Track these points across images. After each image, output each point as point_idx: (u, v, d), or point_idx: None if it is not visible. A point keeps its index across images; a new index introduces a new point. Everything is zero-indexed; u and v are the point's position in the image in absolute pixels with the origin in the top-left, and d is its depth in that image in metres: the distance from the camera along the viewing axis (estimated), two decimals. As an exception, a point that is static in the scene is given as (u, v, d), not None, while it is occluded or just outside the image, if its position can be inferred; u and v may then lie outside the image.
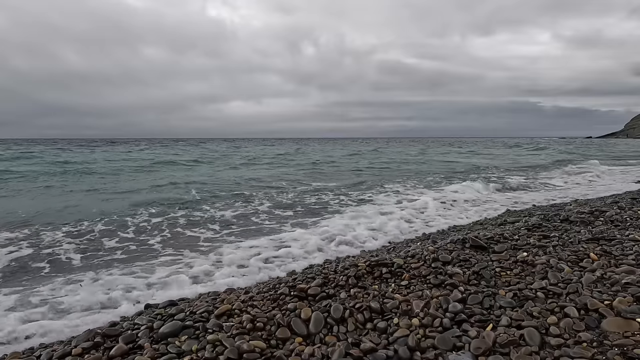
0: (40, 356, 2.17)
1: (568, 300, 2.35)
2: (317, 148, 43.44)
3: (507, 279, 2.82)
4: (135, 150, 35.40)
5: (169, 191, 10.70)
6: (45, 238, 5.60)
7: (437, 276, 2.87)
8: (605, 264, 2.95)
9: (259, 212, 7.61)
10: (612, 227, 4.37)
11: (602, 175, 14.35)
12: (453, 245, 3.74)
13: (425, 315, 2.27)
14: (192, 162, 22.23)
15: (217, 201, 8.90)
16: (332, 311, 2.35)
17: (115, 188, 11.43)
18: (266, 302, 2.61)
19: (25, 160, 21.22)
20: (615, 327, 2.01)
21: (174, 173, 16.25)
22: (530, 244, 3.71)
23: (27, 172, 15.49)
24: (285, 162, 23.22)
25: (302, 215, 7.47)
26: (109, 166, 18.86)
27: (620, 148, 40.99)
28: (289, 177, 14.79)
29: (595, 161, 20.94)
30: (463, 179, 12.97)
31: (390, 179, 13.50)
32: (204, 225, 6.56)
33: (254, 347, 2.01)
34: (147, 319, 2.48)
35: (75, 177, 14.45)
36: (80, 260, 4.72)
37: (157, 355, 2.01)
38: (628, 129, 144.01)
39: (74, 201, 9.05)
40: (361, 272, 3.02)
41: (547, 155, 28.37)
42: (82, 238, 5.67)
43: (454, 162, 23.03)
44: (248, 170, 18.14)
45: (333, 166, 20.30)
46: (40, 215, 7.16)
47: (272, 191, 10.60)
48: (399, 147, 47.12)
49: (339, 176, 15.08)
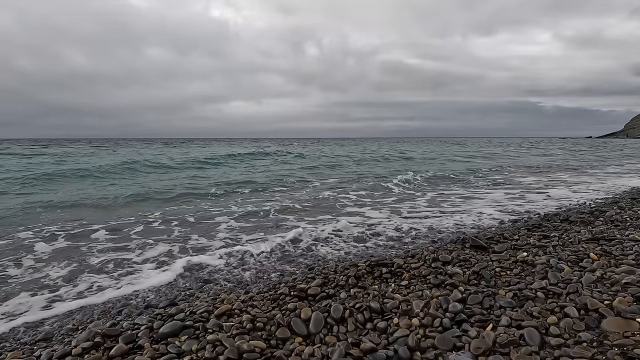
0: (41, 356, 2.17)
1: (568, 300, 2.35)
2: (349, 149, 39.26)
3: (507, 279, 2.82)
4: (195, 148, 34.68)
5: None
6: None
7: (437, 276, 2.87)
8: (605, 264, 2.95)
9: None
10: (612, 227, 4.37)
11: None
12: (453, 245, 3.74)
13: (425, 315, 2.27)
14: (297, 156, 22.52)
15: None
16: (332, 311, 2.35)
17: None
18: (266, 302, 2.62)
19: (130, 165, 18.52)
20: (615, 327, 2.01)
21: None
22: (530, 244, 3.71)
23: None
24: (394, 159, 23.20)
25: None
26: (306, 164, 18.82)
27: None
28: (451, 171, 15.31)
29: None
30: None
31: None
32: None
33: (254, 347, 2.01)
34: (147, 319, 2.48)
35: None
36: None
37: (157, 355, 2.01)
38: (628, 129, 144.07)
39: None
40: (361, 272, 3.02)
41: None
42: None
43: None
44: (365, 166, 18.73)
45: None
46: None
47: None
48: (429, 146, 45.33)
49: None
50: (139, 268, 4.18)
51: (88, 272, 4.05)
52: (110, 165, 16.94)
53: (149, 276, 3.89)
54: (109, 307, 3.28)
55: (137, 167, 17.12)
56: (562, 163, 20.10)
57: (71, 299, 3.40)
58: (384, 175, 14.20)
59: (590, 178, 12.73)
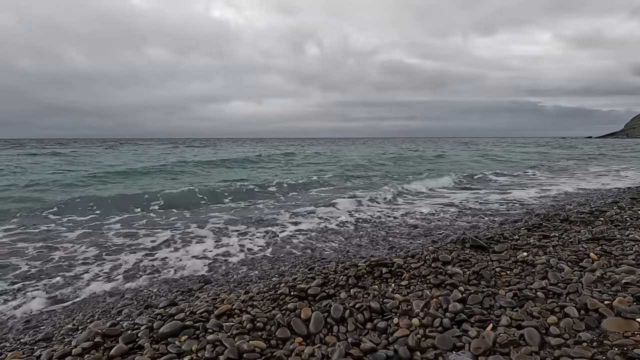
0: (41, 356, 2.17)
1: (568, 300, 2.35)
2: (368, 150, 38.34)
3: (507, 279, 2.82)
4: (229, 148, 35.88)
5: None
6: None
7: (437, 276, 2.87)
8: (605, 264, 2.95)
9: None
10: (612, 227, 4.37)
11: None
12: (453, 245, 3.74)
13: (425, 315, 2.27)
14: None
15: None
16: (332, 311, 2.35)
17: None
18: (266, 302, 2.62)
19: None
20: (615, 327, 2.01)
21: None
22: (530, 243, 3.71)
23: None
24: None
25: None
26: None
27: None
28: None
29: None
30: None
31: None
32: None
33: (254, 347, 2.01)
34: (147, 319, 2.48)
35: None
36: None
37: (157, 355, 2.01)
38: (628, 129, 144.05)
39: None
40: (361, 272, 3.02)
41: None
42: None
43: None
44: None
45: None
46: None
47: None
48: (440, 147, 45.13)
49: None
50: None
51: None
52: (183, 162, 18.58)
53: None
54: (109, 307, 3.28)
55: (226, 164, 19.00)
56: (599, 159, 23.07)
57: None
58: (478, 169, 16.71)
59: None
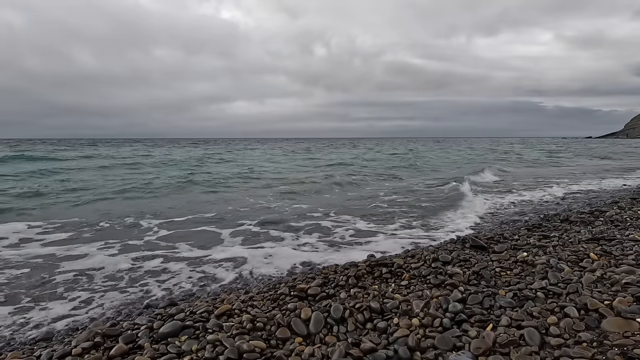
0: (41, 356, 2.17)
1: (568, 300, 2.35)
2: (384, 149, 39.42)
3: (507, 279, 2.82)
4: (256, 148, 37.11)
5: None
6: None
7: (437, 276, 2.87)
8: (605, 264, 2.95)
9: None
10: (612, 227, 4.37)
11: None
12: (453, 245, 3.74)
13: (425, 315, 2.27)
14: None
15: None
16: (332, 311, 2.35)
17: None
18: (266, 302, 2.61)
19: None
20: (615, 327, 2.01)
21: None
22: (530, 244, 3.71)
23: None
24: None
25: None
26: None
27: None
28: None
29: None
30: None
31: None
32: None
33: (254, 347, 2.01)
34: (147, 319, 2.48)
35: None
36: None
37: (157, 355, 2.01)
38: (628, 129, 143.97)
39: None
40: (361, 272, 3.02)
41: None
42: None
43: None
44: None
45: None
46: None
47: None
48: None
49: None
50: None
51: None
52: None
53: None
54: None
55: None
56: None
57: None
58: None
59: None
